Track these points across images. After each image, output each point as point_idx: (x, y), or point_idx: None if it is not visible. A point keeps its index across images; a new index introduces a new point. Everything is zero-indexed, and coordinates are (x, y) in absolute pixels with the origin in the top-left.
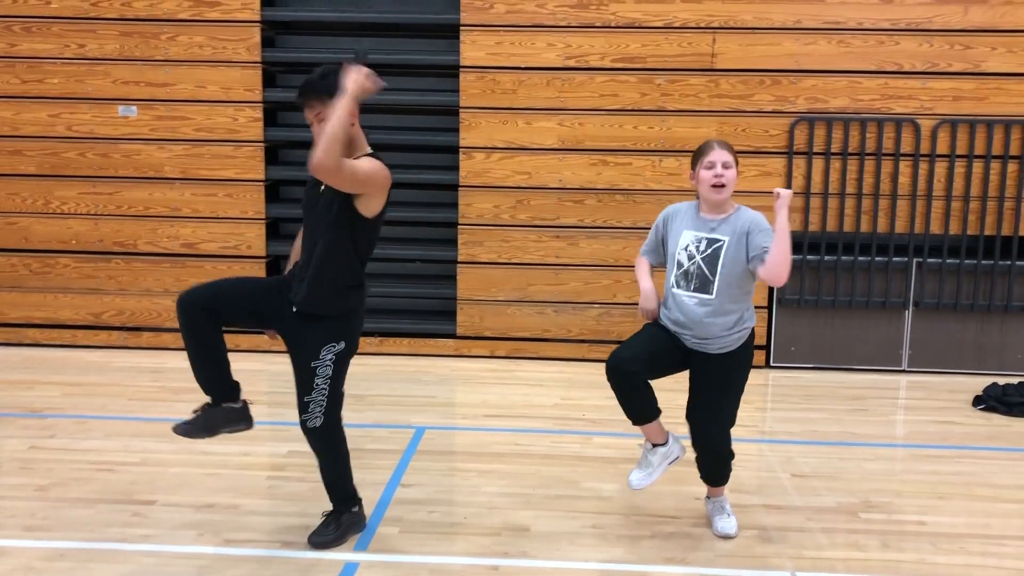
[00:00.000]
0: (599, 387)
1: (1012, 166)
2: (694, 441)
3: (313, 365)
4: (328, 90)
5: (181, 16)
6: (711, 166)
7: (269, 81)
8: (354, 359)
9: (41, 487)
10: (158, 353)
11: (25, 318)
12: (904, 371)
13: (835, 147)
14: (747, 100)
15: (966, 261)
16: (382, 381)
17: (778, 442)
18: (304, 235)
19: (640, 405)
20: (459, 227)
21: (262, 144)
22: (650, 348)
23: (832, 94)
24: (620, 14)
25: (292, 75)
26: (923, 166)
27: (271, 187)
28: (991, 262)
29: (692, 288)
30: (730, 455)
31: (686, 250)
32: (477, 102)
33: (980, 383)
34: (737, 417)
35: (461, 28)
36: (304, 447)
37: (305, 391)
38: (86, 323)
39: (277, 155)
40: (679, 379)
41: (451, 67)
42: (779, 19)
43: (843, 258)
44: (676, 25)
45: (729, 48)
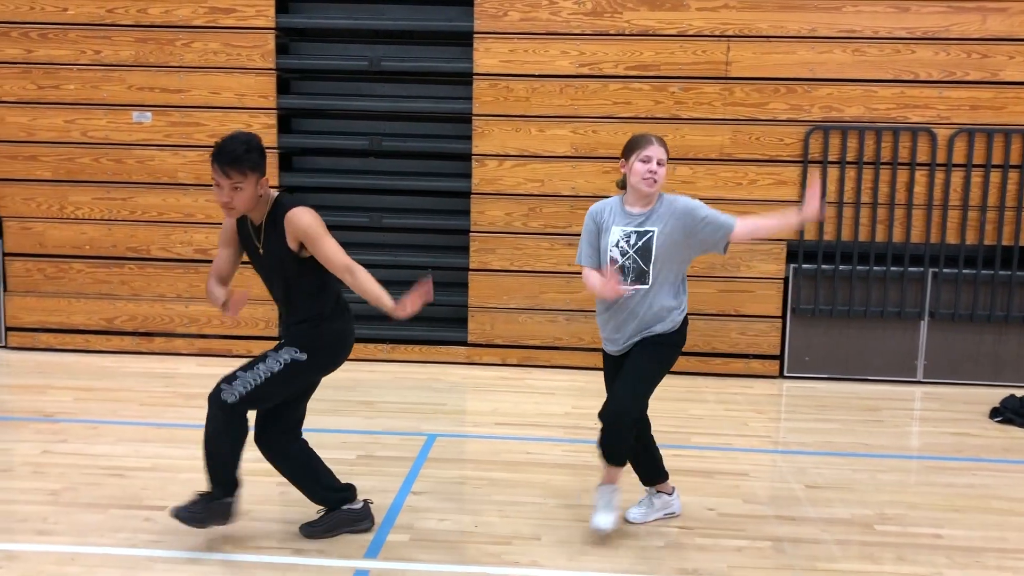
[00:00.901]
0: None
1: None
2: (603, 408)
3: (266, 353)
4: (251, 164)
5: (196, 23)
6: (647, 160)
7: (283, 88)
8: (365, 365)
9: (53, 491)
10: (170, 358)
11: (39, 323)
12: (919, 382)
13: (850, 156)
14: (762, 108)
15: (983, 271)
16: (393, 388)
17: (792, 453)
18: (267, 285)
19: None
20: (471, 234)
21: (276, 151)
22: None
23: (847, 103)
24: (634, 22)
25: (306, 82)
26: (939, 176)
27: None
28: (1008, 272)
29: (629, 281)
30: (632, 426)
31: (617, 246)
32: (490, 109)
33: (997, 395)
34: (650, 403)
35: (475, 36)
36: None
37: (244, 367)
38: (99, 328)
39: (291, 162)
40: (689, 388)
41: (464, 74)
42: (794, 28)
43: (858, 268)
44: (690, 33)
45: (744, 56)
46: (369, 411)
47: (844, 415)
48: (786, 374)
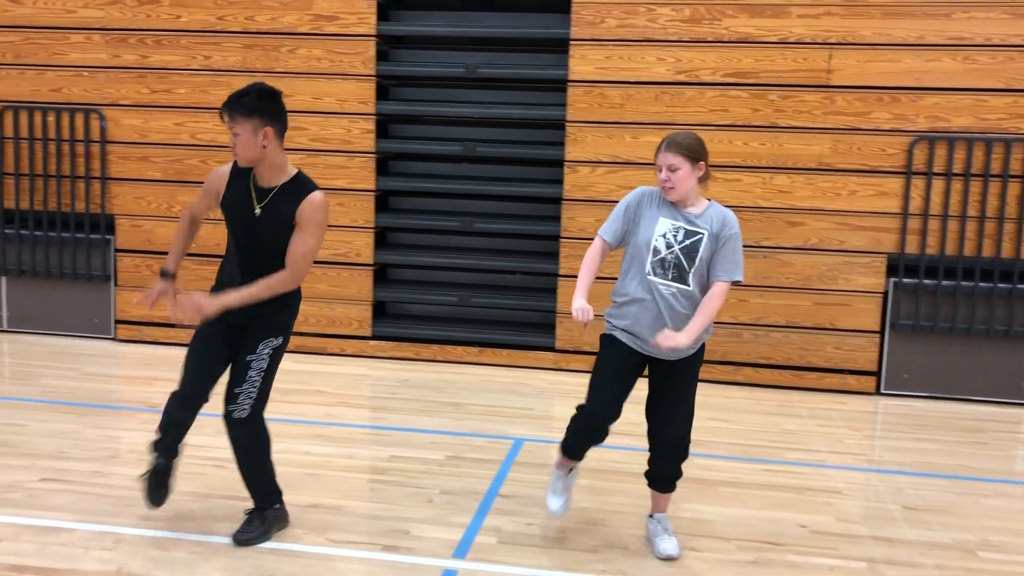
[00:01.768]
0: (700, 407)
1: None
2: (655, 438)
3: (249, 359)
4: (244, 111)
5: (301, 30)
6: (659, 170)
7: (382, 94)
8: (454, 367)
9: None
10: None
11: (146, 316)
12: None
13: (957, 167)
14: (864, 118)
15: None
16: (480, 391)
17: (888, 472)
18: (237, 251)
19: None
20: (561, 240)
21: (373, 155)
22: (623, 387)
23: (955, 112)
24: (733, 29)
25: (404, 88)
26: None
27: (380, 197)
28: None
29: (670, 277)
30: (688, 451)
31: (664, 238)
32: (584, 116)
33: None
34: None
35: (571, 43)
36: (405, 452)
37: (237, 383)
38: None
39: (387, 166)
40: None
41: (559, 81)
42: (900, 35)
43: (963, 283)
44: (791, 40)
45: (846, 64)
46: (457, 413)
47: (945, 435)
48: (883, 391)
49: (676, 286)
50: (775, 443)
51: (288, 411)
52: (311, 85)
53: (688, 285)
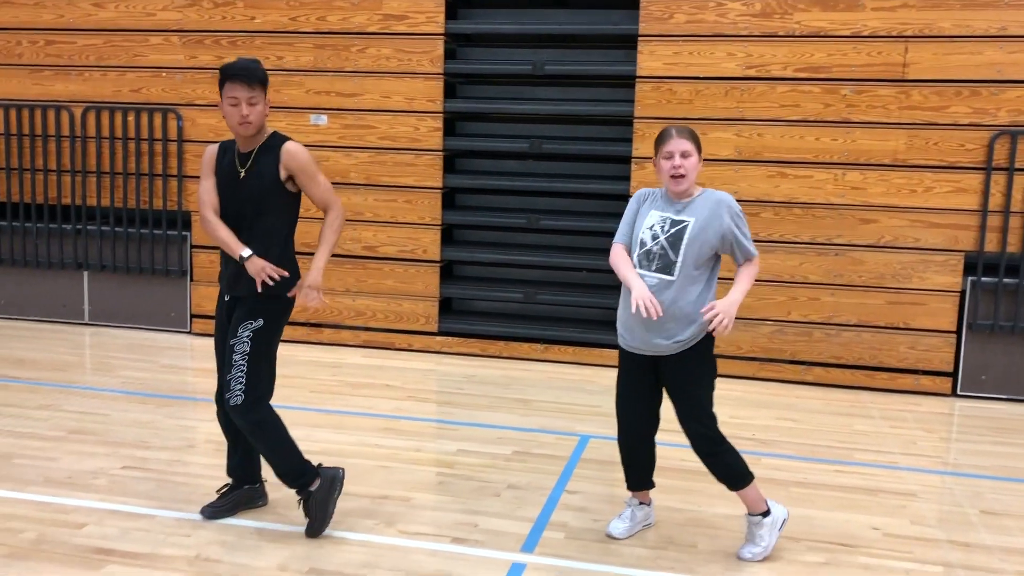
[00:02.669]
0: (769, 407)
1: None
2: (692, 444)
3: (232, 343)
4: (262, 79)
5: (371, 29)
6: (670, 156)
7: (449, 92)
8: (520, 364)
9: None
10: (338, 349)
11: None
12: None
13: None
14: (941, 112)
15: None
16: (546, 387)
17: (965, 475)
18: (226, 219)
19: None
20: None
21: (441, 153)
22: (641, 402)
23: None
24: (805, 23)
25: (471, 86)
26: None
27: (447, 194)
28: None
29: (654, 268)
30: (723, 445)
31: (650, 230)
32: (652, 112)
33: None
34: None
35: (639, 39)
36: (472, 447)
37: (227, 370)
38: None
39: (454, 164)
40: None
41: (627, 77)
42: (981, 26)
43: None
44: (865, 34)
45: (923, 57)
46: (524, 409)
47: None
48: (959, 393)
49: (658, 276)
50: (846, 444)
51: (358, 404)
52: (380, 84)
53: (672, 276)
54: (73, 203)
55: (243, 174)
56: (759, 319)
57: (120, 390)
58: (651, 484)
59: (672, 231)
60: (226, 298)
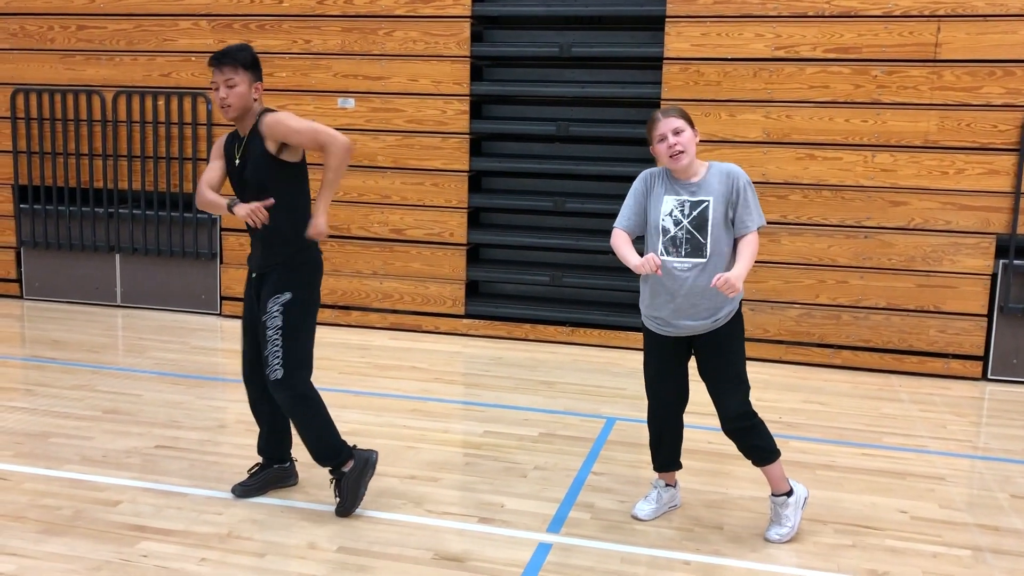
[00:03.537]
0: (795, 390)
1: None
2: (720, 419)
3: (264, 319)
4: (243, 61)
5: (398, 12)
6: (663, 138)
7: (476, 75)
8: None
9: None
10: (366, 331)
11: None
12: None
13: None
14: (974, 93)
15: None
16: (573, 370)
17: (995, 459)
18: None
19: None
20: None
21: (467, 136)
22: (671, 382)
23: None
24: (835, 3)
25: (498, 68)
26: None
27: (474, 177)
28: None
29: (684, 254)
30: (757, 418)
31: (671, 216)
32: (679, 94)
33: None
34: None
35: (667, 20)
36: (499, 428)
37: (263, 346)
38: None
39: (481, 146)
40: None
41: (654, 59)
42: (1016, 5)
43: None
44: (896, 13)
45: (956, 37)
46: (550, 391)
47: None
48: (990, 376)
49: (691, 261)
50: (874, 427)
51: (386, 386)
52: (407, 67)
53: (703, 258)
54: (105, 187)
55: (238, 160)
56: (787, 302)
57: (152, 371)
58: (679, 465)
59: (694, 213)
60: (253, 276)
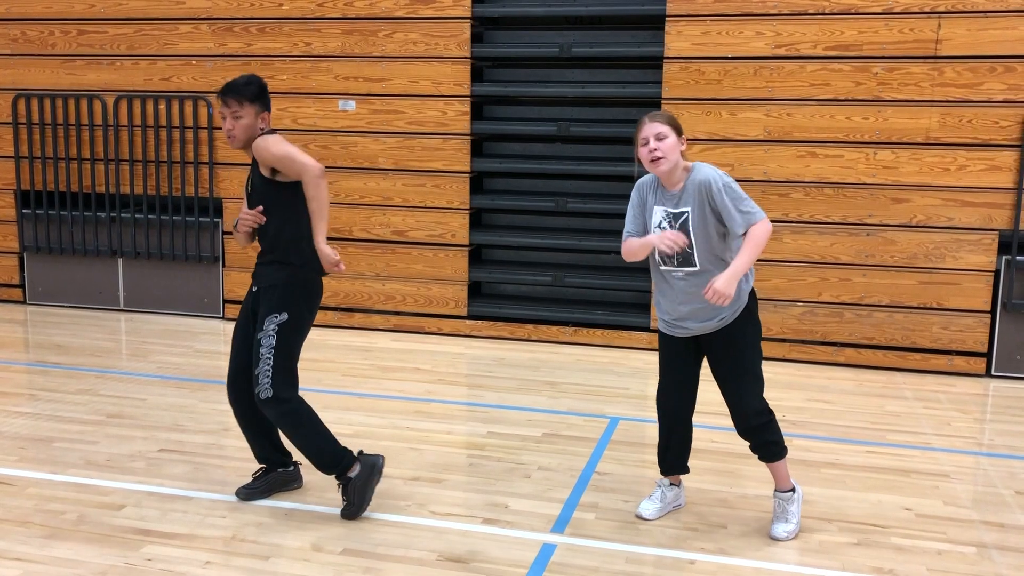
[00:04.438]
0: (799, 388)
1: None
2: (729, 410)
3: (258, 336)
4: (249, 96)
5: (398, 14)
6: (645, 142)
7: (477, 76)
8: (549, 347)
9: None
10: (368, 333)
11: None
12: None
13: None
14: (975, 89)
15: None
16: (576, 370)
17: (999, 456)
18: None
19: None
20: None
21: (468, 137)
22: (681, 379)
23: None
24: (835, 1)
25: (498, 69)
26: None
27: (475, 178)
28: None
29: (677, 263)
30: (770, 414)
31: (659, 228)
32: (680, 93)
33: None
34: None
35: (667, 19)
36: (502, 429)
37: (255, 363)
38: None
39: (482, 147)
40: None
41: (655, 58)
42: (1016, 1)
43: None
44: (897, 10)
45: (956, 33)
46: (553, 391)
47: None
48: (994, 373)
49: (683, 270)
50: (878, 425)
51: (389, 388)
52: (407, 68)
53: (695, 266)
54: (107, 191)
55: (248, 186)
56: (790, 300)
57: (156, 375)
58: (686, 469)
59: (678, 225)
60: (253, 288)
